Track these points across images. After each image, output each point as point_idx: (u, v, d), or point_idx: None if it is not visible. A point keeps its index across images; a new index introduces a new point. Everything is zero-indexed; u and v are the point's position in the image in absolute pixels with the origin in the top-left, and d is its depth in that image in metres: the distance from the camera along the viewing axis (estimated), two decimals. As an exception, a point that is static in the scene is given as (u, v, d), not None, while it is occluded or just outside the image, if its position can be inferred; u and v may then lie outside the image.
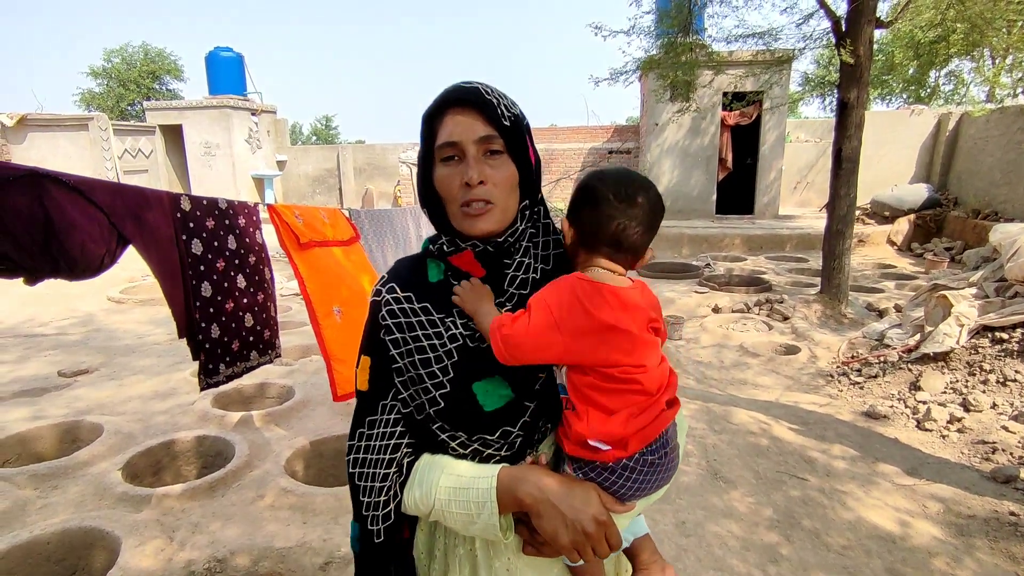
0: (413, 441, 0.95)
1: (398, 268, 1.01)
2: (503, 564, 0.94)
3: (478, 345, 0.93)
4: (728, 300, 6.66)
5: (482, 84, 0.91)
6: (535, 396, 0.93)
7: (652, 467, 0.87)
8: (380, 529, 0.93)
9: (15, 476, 3.07)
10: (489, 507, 0.86)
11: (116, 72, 22.41)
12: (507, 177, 0.90)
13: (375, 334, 0.96)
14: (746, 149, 12.02)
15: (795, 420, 4.01)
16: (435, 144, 0.90)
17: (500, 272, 0.95)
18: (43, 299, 7.19)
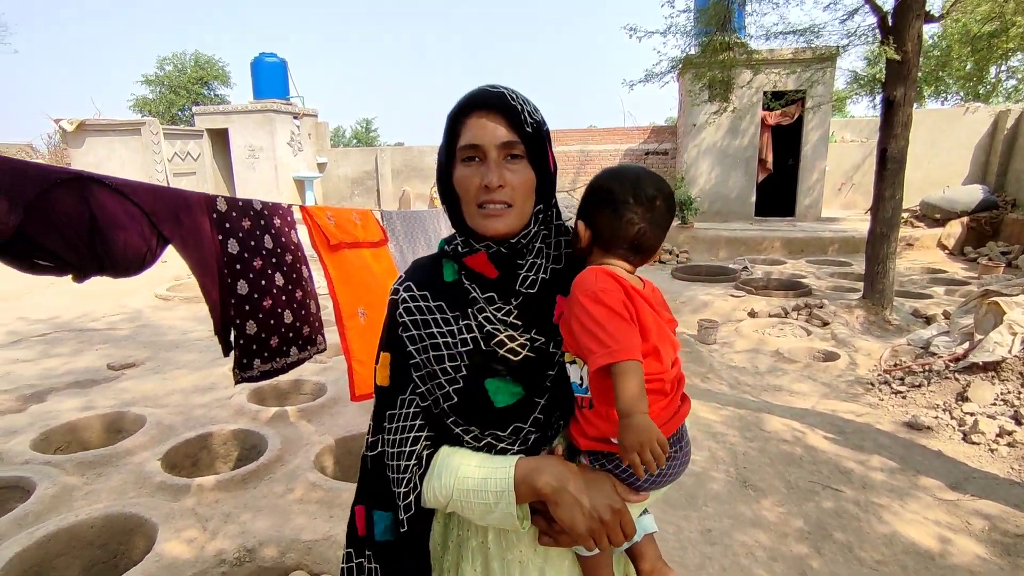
0: (432, 434, 0.97)
1: (415, 268, 1.04)
2: (515, 556, 0.95)
3: (489, 348, 0.95)
4: (765, 304, 6.50)
5: (507, 89, 0.92)
6: (545, 393, 0.94)
7: (667, 460, 0.89)
8: (405, 519, 0.95)
9: (64, 463, 3.23)
10: (507, 496, 0.88)
11: (168, 79, 23.39)
12: (525, 182, 0.92)
13: (393, 331, 0.99)
14: (787, 149, 11.70)
15: (831, 429, 3.88)
16: (457, 144, 0.92)
17: (512, 273, 0.96)
18: (96, 296, 7.55)
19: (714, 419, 3.96)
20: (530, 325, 0.96)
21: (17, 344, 5.93)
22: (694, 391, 4.50)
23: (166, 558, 2.45)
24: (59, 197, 1.52)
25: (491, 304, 0.96)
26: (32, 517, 2.74)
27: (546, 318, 0.97)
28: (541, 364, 0.95)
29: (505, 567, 0.96)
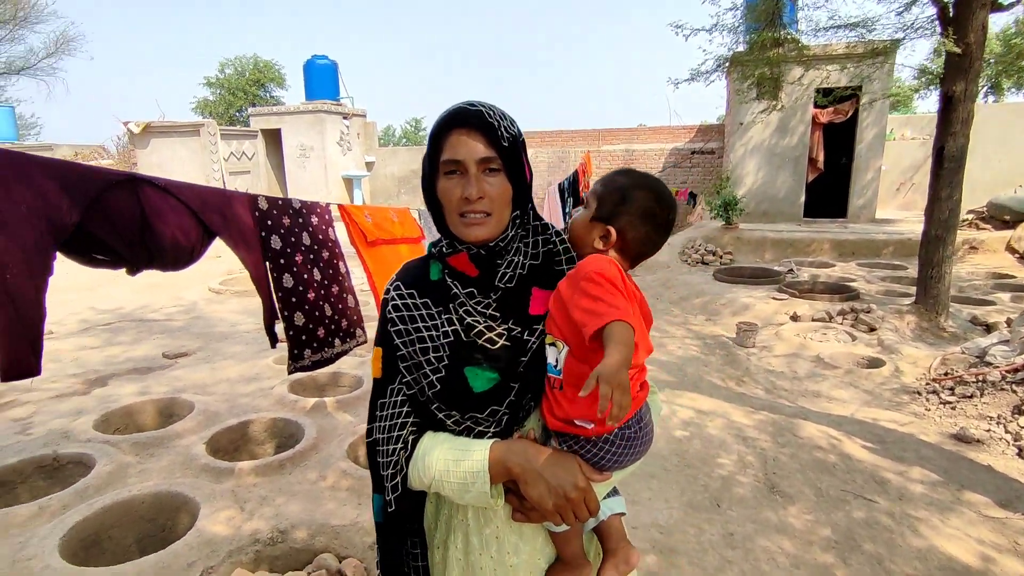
0: (417, 420, 1.06)
1: (405, 269, 1.13)
2: (492, 531, 1.04)
3: (469, 339, 1.03)
4: (808, 308, 6.30)
5: (485, 106, 0.99)
6: (519, 378, 1.01)
7: (629, 441, 0.97)
8: (392, 500, 1.04)
9: (120, 443, 3.48)
10: (482, 476, 0.95)
11: (228, 82, 24.45)
12: (502, 193, 1.00)
13: (384, 327, 1.08)
14: (840, 148, 11.26)
15: (870, 438, 3.76)
16: (440, 158, 0.99)
17: (491, 271, 1.04)
18: (156, 288, 8.01)
19: (746, 423, 3.89)
20: (507, 316, 1.03)
21: (86, 332, 6.38)
22: (728, 395, 4.43)
23: (206, 534, 2.62)
24: (114, 197, 1.67)
25: (471, 299, 1.04)
26: (92, 490, 2.97)
27: (522, 310, 1.04)
28: (516, 352, 1.02)
29: (483, 541, 1.04)
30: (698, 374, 4.88)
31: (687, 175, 13.63)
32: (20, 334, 1.47)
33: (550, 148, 14.97)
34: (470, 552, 1.05)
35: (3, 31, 18.85)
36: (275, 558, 2.60)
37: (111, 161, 13.94)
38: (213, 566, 2.46)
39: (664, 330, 6.23)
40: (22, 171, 1.48)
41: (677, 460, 3.44)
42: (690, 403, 4.24)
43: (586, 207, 1.08)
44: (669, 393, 4.41)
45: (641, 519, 2.87)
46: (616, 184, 1.06)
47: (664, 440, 3.65)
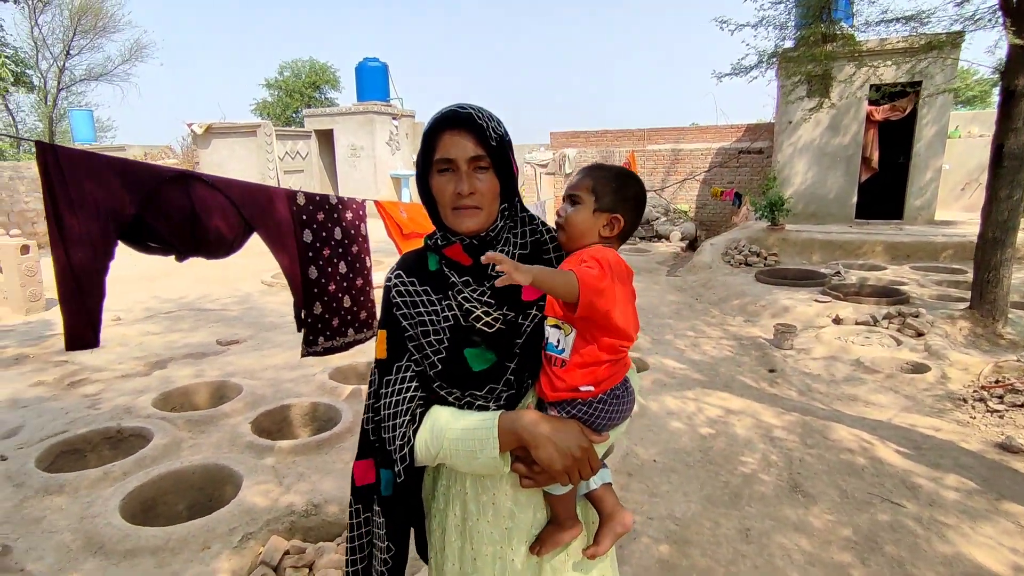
0: (424, 395, 1.13)
1: (405, 259, 1.22)
2: (489, 499, 1.12)
3: (467, 323, 1.11)
4: (852, 311, 6.13)
5: (475, 108, 1.08)
6: (515, 358, 1.10)
7: (618, 399, 1.09)
8: (400, 470, 1.10)
9: (176, 420, 3.78)
10: (491, 443, 1.03)
11: (285, 84, 25.47)
12: (491, 188, 1.09)
13: (388, 311, 1.16)
14: (898, 146, 10.81)
15: (906, 443, 3.67)
16: (434, 157, 1.09)
17: None
18: (214, 280, 8.50)
19: (775, 423, 3.86)
20: (501, 303, 1.12)
21: (150, 319, 6.85)
22: (759, 395, 4.40)
23: (247, 504, 2.84)
24: (168, 191, 1.87)
25: (467, 287, 1.12)
26: (149, 460, 3.26)
27: (515, 296, 1.12)
28: (511, 334, 1.11)
29: (480, 507, 1.13)
30: (730, 374, 4.85)
31: (734, 175, 13.36)
32: (83, 311, 1.69)
33: (595, 148, 14.95)
34: (467, 517, 1.13)
35: (85, 40, 20.28)
36: (308, 529, 2.80)
37: (176, 160, 14.80)
38: (252, 532, 2.67)
39: (700, 330, 6.19)
40: (93, 168, 1.70)
41: (700, 456, 3.46)
42: (719, 402, 4.23)
43: (575, 203, 1.14)
44: (699, 391, 4.42)
45: (658, 511, 2.93)
46: (607, 176, 1.14)
47: (688, 436, 3.68)
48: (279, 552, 2.53)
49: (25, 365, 5.18)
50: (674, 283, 8.81)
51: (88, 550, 2.55)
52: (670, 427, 3.81)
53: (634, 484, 3.16)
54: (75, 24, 19.57)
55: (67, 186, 1.67)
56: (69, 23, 19.45)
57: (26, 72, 17.23)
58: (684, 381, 4.64)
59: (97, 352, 5.41)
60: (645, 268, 10.22)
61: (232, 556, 2.52)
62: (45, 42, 19.40)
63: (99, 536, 2.60)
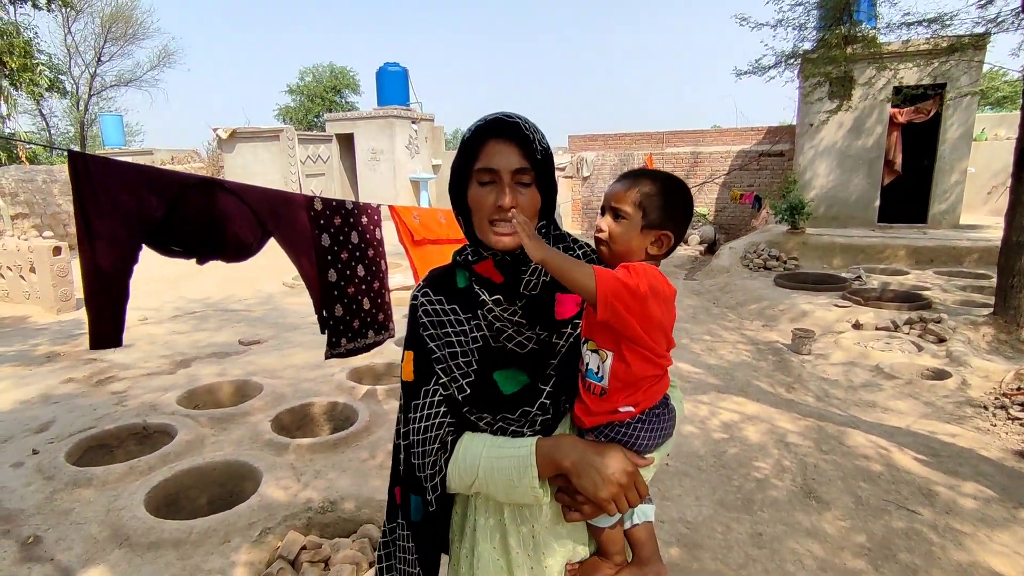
0: (455, 421, 1.07)
1: (432, 276, 1.15)
2: (529, 531, 1.05)
3: (498, 344, 1.06)
4: (873, 316, 6.05)
5: (521, 118, 1.01)
6: (550, 380, 1.03)
7: (659, 418, 1.02)
8: (433, 500, 1.05)
9: (200, 417, 3.89)
10: (530, 472, 0.97)
11: (307, 88, 25.86)
12: (533, 203, 1.02)
13: (415, 331, 1.10)
14: (922, 149, 10.62)
15: (924, 450, 3.63)
16: (475, 165, 1.01)
17: (516, 278, 1.05)
18: (238, 281, 8.68)
19: (790, 428, 3.85)
20: (534, 322, 1.06)
21: (177, 319, 7.04)
22: (775, 400, 4.38)
23: (266, 499, 2.92)
24: (190, 197, 1.95)
25: (498, 305, 1.05)
26: (173, 456, 3.36)
27: (548, 315, 1.06)
28: (544, 355, 1.05)
29: (521, 541, 1.06)
30: (747, 379, 4.83)
31: (754, 178, 13.24)
32: (108, 311, 1.77)
33: (613, 151, 14.94)
34: (508, 551, 1.06)
35: (115, 47, 20.84)
36: (325, 525, 2.87)
37: (201, 164, 15.13)
38: (271, 527, 2.75)
39: (717, 335, 6.16)
40: (120, 176, 1.78)
41: (713, 460, 3.47)
42: (735, 407, 4.22)
43: (619, 217, 1.04)
44: (714, 396, 4.41)
45: (669, 514, 2.94)
46: (655, 188, 1.04)
47: (701, 441, 3.68)
48: (296, 547, 2.60)
49: (57, 363, 5.36)
50: (692, 287, 8.77)
51: (114, 541, 2.65)
52: (683, 431, 3.82)
53: (646, 487, 3.18)
54: (106, 31, 20.14)
55: (96, 193, 1.76)
56: (100, 31, 20.03)
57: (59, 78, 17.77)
58: (699, 385, 4.64)
59: (126, 350, 5.59)
60: (663, 271, 10.18)
61: (251, 550, 2.60)
62: (78, 49, 20.00)
63: (124, 528, 2.70)
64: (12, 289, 7.63)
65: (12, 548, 2.64)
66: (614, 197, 1.05)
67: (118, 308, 1.83)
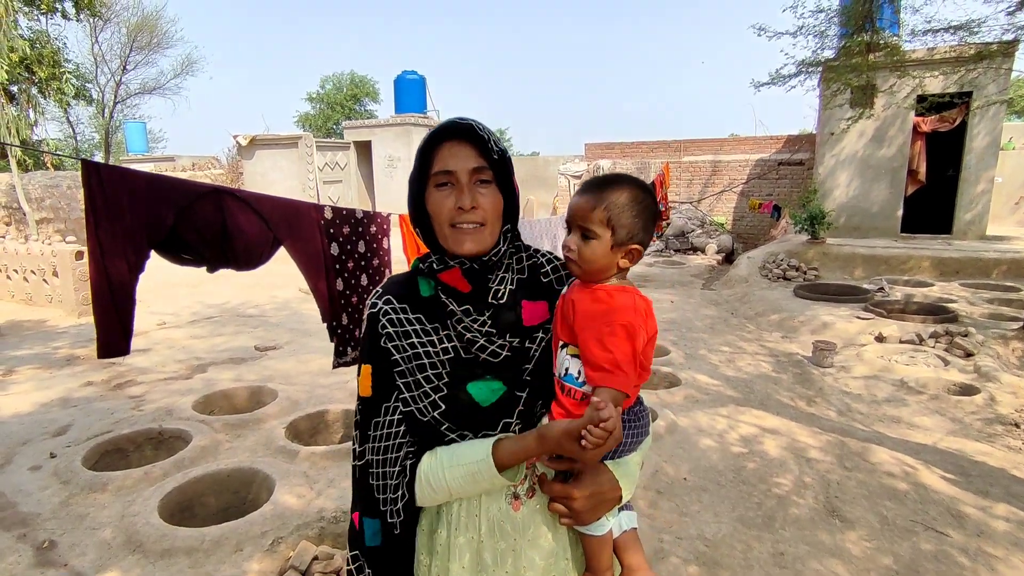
0: (414, 441, 1.02)
1: (391, 284, 1.09)
2: (508, 545, 1.01)
3: (470, 355, 1.03)
4: (896, 329, 5.91)
5: (475, 121, 0.99)
6: (525, 386, 1.02)
7: (637, 417, 1.05)
8: (398, 523, 1.02)
9: (214, 423, 3.90)
10: (498, 480, 0.96)
11: (327, 96, 26.16)
12: (495, 204, 1.00)
13: (375, 342, 1.03)
14: (947, 158, 10.43)
15: (952, 468, 3.51)
16: (431, 170, 0.99)
17: (484, 287, 1.04)
18: (255, 287, 8.75)
19: (811, 443, 3.75)
20: (504, 330, 1.04)
21: (195, 323, 7.10)
22: (795, 414, 4.28)
23: (279, 508, 2.90)
24: (201, 206, 1.95)
25: (467, 315, 1.02)
26: (188, 461, 3.37)
27: (516, 323, 1.05)
28: (519, 360, 1.03)
29: (498, 557, 1.01)
30: (766, 391, 4.73)
31: (773, 187, 13.09)
32: (116, 320, 1.77)
33: (630, 160, 14.87)
34: (482, 571, 1.02)
35: (140, 56, 21.29)
36: (338, 535, 2.84)
37: (221, 171, 15.34)
38: (283, 536, 2.73)
39: (736, 346, 6.06)
40: (131, 184, 1.79)
41: (732, 476, 3.38)
42: (754, 420, 4.13)
43: (587, 237, 1.01)
44: (732, 408, 4.32)
45: (687, 531, 2.87)
46: (622, 202, 1.01)
47: (719, 455, 3.60)
48: (308, 556, 2.57)
49: (76, 366, 5.43)
50: (709, 297, 8.66)
51: (127, 548, 2.65)
52: (701, 444, 3.74)
53: (663, 502, 3.11)
54: (132, 41, 20.57)
55: (107, 201, 1.76)
56: (126, 40, 20.47)
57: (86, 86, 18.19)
58: (717, 398, 4.55)
59: (144, 354, 5.64)
60: (679, 281, 10.08)
61: (263, 559, 2.58)
62: (104, 58, 20.45)
63: (138, 535, 2.69)
64: (35, 292, 7.77)
65: (28, 552, 2.65)
66: (579, 215, 1.01)
67: (126, 318, 1.83)
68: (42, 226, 11.22)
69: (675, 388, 4.66)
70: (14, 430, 3.96)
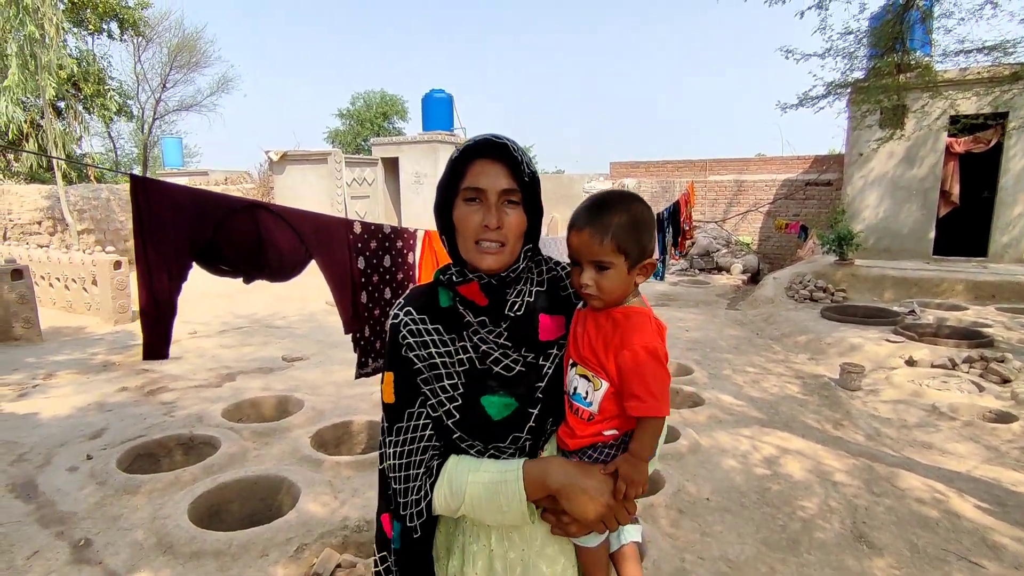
0: (440, 444, 1.05)
1: (412, 295, 1.12)
2: (517, 556, 1.06)
3: (484, 367, 1.05)
4: (928, 353, 5.77)
5: (510, 140, 1.01)
6: (537, 403, 1.05)
7: None
8: (417, 526, 1.04)
9: (243, 430, 3.99)
10: (518, 496, 0.98)
11: (357, 113, 26.76)
12: (519, 224, 1.02)
13: (396, 351, 1.06)
14: (982, 180, 10.21)
15: (987, 497, 3.41)
16: (461, 184, 1.01)
17: (501, 300, 1.06)
18: (284, 299, 8.93)
19: (836, 466, 3.68)
20: (519, 344, 1.06)
21: (225, 333, 7.28)
22: (822, 437, 4.20)
23: (304, 515, 2.95)
24: (238, 219, 2.04)
25: (483, 327, 1.05)
26: (216, 468, 3.45)
27: (532, 337, 1.07)
28: (531, 377, 1.05)
29: (507, 566, 1.06)
30: (792, 413, 4.66)
31: (800, 207, 12.94)
32: (159, 325, 1.86)
33: (654, 179, 14.87)
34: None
35: (179, 75, 22.09)
36: (360, 544, 2.88)
37: (252, 185, 15.75)
38: (307, 544, 2.78)
39: (762, 367, 5.98)
40: (173, 198, 1.88)
41: (756, 497, 3.34)
42: (779, 442, 4.07)
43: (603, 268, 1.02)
44: (756, 429, 4.26)
45: (710, 551, 2.84)
46: (625, 224, 1.01)
47: (743, 476, 3.56)
48: (332, 564, 2.61)
49: (112, 372, 5.61)
50: (734, 317, 8.57)
51: (158, 549, 2.73)
52: (724, 465, 3.70)
53: (685, 521, 3.08)
54: (172, 60, 21.39)
55: (152, 213, 1.85)
56: (167, 59, 21.29)
57: (127, 103, 18.93)
58: (741, 418, 4.50)
59: (176, 362, 5.80)
60: (704, 300, 10.00)
61: (288, 564, 2.63)
62: (145, 76, 21.29)
63: (169, 536, 2.77)
64: (75, 300, 8.05)
65: (65, 550, 2.75)
66: (588, 250, 1.01)
67: (167, 325, 1.92)
68: (83, 236, 11.64)
69: (698, 407, 4.62)
70: (53, 432, 4.10)
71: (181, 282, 1.99)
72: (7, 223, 10.92)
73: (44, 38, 9.84)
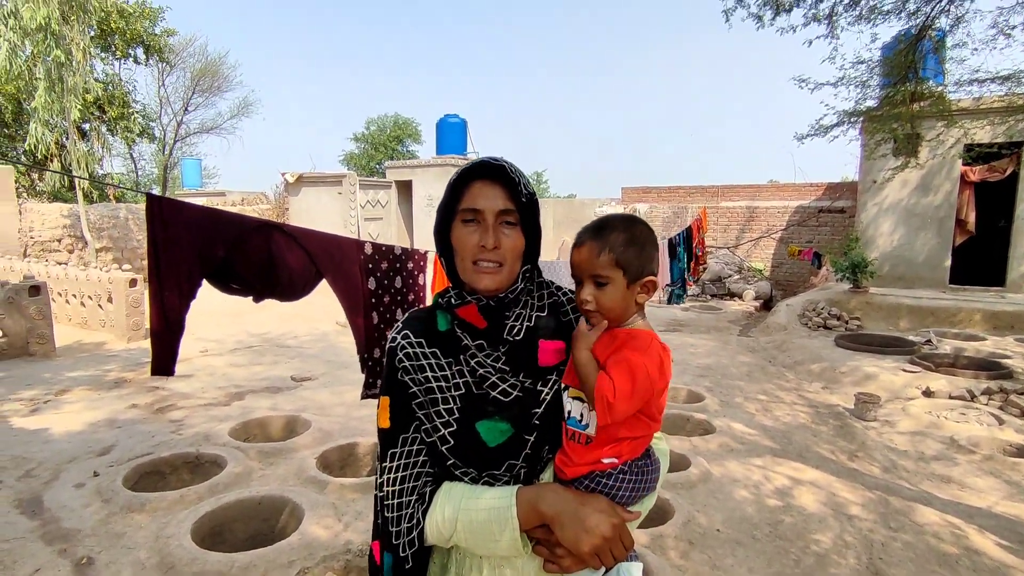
0: (433, 471, 1.04)
1: (411, 318, 1.12)
2: (515, 571, 1.02)
3: (481, 391, 1.04)
4: (946, 383, 5.66)
5: (508, 162, 1.02)
6: (533, 429, 1.02)
7: (641, 470, 1.03)
8: (409, 555, 1.01)
9: (249, 450, 3.98)
10: (511, 524, 0.95)
11: (371, 137, 27.21)
12: (517, 245, 1.02)
13: (393, 375, 1.06)
14: (999, 209, 10.11)
15: (1009, 535, 3.30)
16: (459, 205, 1.02)
17: (500, 323, 1.05)
18: (295, 319, 8.99)
19: (851, 499, 3.59)
20: (516, 369, 1.04)
21: (236, 352, 7.32)
22: (836, 469, 4.11)
23: (307, 538, 2.92)
24: (251, 239, 2.07)
25: (481, 351, 1.04)
26: (221, 487, 3.44)
27: (531, 362, 1.05)
28: (529, 403, 1.03)
29: None
30: (805, 443, 4.56)
31: (813, 234, 12.88)
32: (167, 342, 1.88)
33: (666, 204, 14.90)
34: None
35: (201, 98, 22.67)
36: (362, 569, 2.83)
37: (268, 206, 15.99)
38: (308, 567, 2.74)
39: (773, 395, 5.89)
40: (188, 217, 1.92)
41: (769, 530, 3.26)
42: (791, 472, 3.98)
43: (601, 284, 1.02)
44: (769, 459, 4.18)
45: (720, 585, 2.76)
46: (624, 240, 1.02)
47: (755, 507, 3.47)
48: (333, 589, 2.57)
49: (124, 388, 5.64)
50: (746, 344, 8.48)
51: (160, 569, 2.70)
52: (736, 495, 3.62)
53: (695, 554, 3.00)
54: (195, 84, 21.99)
55: (167, 232, 1.89)
56: (190, 83, 21.89)
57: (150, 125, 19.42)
58: (753, 448, 4.41)
59: (186, 380, 5.83)
60: (716, 326, 9.91)
61: (289, 588, 2.59)
62: (168, 99, 21.87)
63: (171, 556, 2.75)
64: (91, 317, 8.16)
65: (67, 568, 2.73)
66: (587, 265, 1.03)
67: (175, 340, 1.94)
68: (101, 254, 11.84)
69: (709, 436, 4.55)
70: (64, 447, 4.12)
71: (190, 300, 2.02)
72: (28, 240, 11.15)
73: (72, 62, 10.16)
